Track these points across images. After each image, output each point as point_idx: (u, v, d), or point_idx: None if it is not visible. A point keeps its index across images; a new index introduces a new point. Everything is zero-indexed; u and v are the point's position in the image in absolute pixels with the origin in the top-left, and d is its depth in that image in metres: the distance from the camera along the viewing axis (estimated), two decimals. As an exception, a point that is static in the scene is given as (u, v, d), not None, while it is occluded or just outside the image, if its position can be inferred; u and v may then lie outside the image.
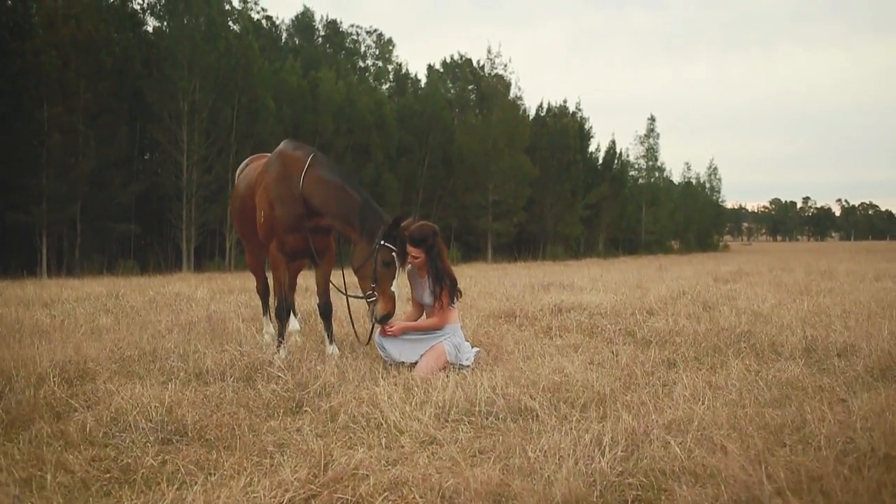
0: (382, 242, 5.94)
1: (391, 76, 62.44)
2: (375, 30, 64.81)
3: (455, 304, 6.29)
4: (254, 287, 9.15)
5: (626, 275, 18.11)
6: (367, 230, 6.02)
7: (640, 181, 76.03)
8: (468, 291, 12.33)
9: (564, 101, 64.11)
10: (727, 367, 5.82)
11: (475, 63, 59.65)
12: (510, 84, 55.48)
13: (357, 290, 6.53)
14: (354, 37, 63.12)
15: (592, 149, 66.85)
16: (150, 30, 42.36)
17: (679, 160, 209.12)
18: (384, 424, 4.46)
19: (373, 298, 6.04)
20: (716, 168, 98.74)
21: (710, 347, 6.76)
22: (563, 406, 4.78)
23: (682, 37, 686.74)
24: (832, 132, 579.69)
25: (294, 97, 42.95)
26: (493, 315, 9.22)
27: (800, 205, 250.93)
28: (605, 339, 7.49)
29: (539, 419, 4.55)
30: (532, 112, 60.40)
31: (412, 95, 55.25)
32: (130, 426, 4.41)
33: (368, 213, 6.08)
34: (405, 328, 6.28)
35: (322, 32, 60.82)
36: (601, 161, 67.46)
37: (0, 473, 3.69)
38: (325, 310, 6.62)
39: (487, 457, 3.89)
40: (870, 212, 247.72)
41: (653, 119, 77.24)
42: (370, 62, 63.95)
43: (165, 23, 40.77)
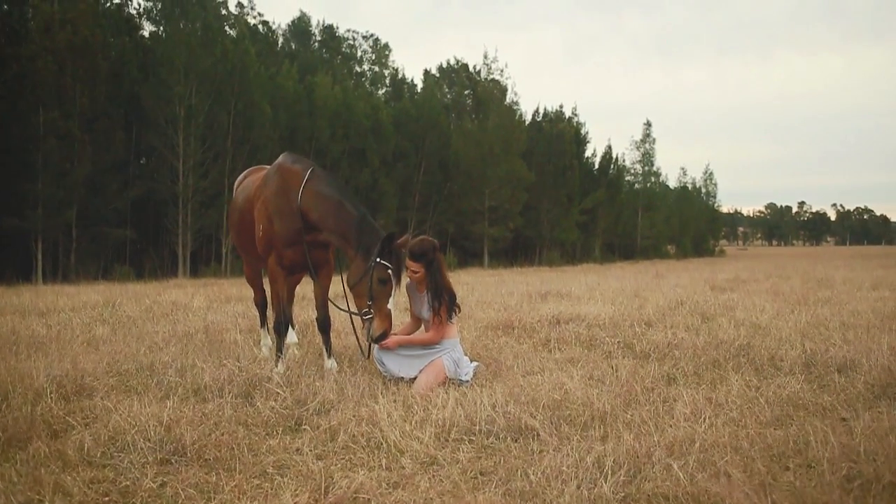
0: (378, 260, 5.89)
1: (387, 81, 62.47)
2: (372, 35, 64.90)
3: (454, 319, 6.26)
4: (250, 297, 9.13)
5: (624, 282, 18.09)
6: (363, 247, 5.98)
7: (636, 186, 76.13)
8: (465, 301, 12.31)
9: (561, 107, 64.27)
10: (727, 383, 5.80)
11: (471, 68, 59.74)
12: (506, 89, 55.53)
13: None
14: (351, 42, 63.13)
15: (588, 154, 66.96)
16: (147, 34, 42.34)
17: (675, 164, 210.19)
18: (384, 444, 4.43)
19: (369, 316, 6.00)
20: (711, 173, 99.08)
21: (710, 362, 6.75)
22: (564, 425, 4.77)
23: (678, 41, 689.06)
24: (828, 136, 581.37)
25: (290, 102, 42.94)
26: (492, 326, 9.19)
27: (795, 209, 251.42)
28: (604, 353, 7.47)
29: (540, 438, 4.53)
30: (528, 117, 60.56)
31: (408, 100, 55.28)
32: (129, 446, 4.38)
33: (365, 230, 6.03)
34: (401, 342, 6.24)
35: (318, 37, 60.81)
36: (597, 166, 67.53)
37: (-2, 497, 3.66)
38: (324, 324, 6.60)
39: (489, 479, 3.87)
40: (865, 216, 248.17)
41: (649, 124, 77.46)
42: (366, 67, 63.92)
43: (161, 27, 40.76)
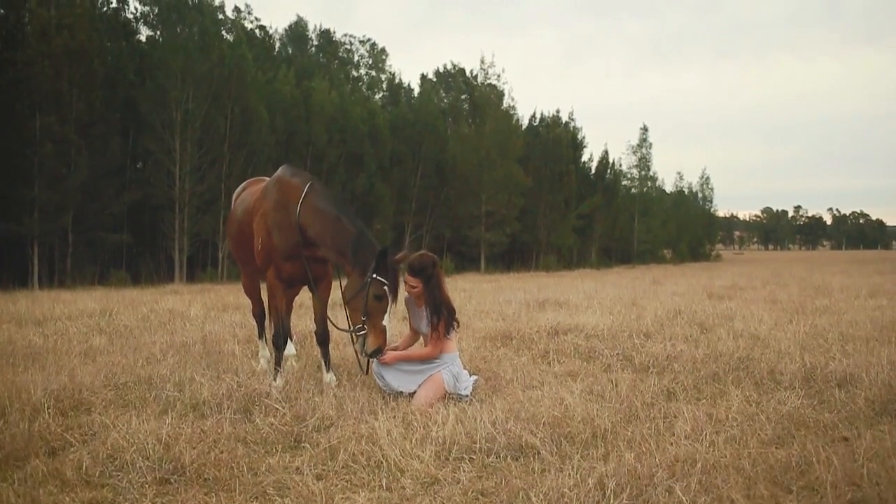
0: (374, 276, 5.87)
1: (384, 86, 62.50)
2: (369, 39, 64.97)
3: (452, 335, 6.24)
4: (247, 305, 9.10)
5: (621, 290, 18.10)
6: (360, 263, 5.96)
7: (633, 191, 76.20)
8: (463, 309, 12.30)
9: (557, 111, 64.43)
10: (727, 398, 5.79)
11: (468, 73, 59.79)
12: (503, 94, 55.57)
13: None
14: (348, 46, 63.19)
15: (585, 158, 67.06)
16: (143, 39, 42.34)
17: (671, 168, 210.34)
18: (384, 463, 4.41)
19: (362, 332, 5.98)
20: (708, 178, 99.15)
21: (709, 375, 6.74)
22: (565, 443, 4.75)
23: (675, 45, 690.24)
24: (824, 140, 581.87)
25: (287, 107, 42.91)
26: (490, 337, 9.18)
27: (791, 213, 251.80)
28: (603, 365, 7.46)
29: (541, 457, 4.52)
30: (525, 122, 60.60)
31: (405, 105, 55.30)
32: (128, 465, 4.35)
33: (362, 246, 6.02)
34: (399, 357, 6.23)
35: (315, 42, 60.85)
36: (594, 171, 67.64)
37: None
38: (323, 338, 6.58)
39: (490, 500, 3.86)
40: (861, 220, 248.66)
41: (645, 129, 77.55)
42: (363, 72, 63.97)
43: (158, 32, 40.75)
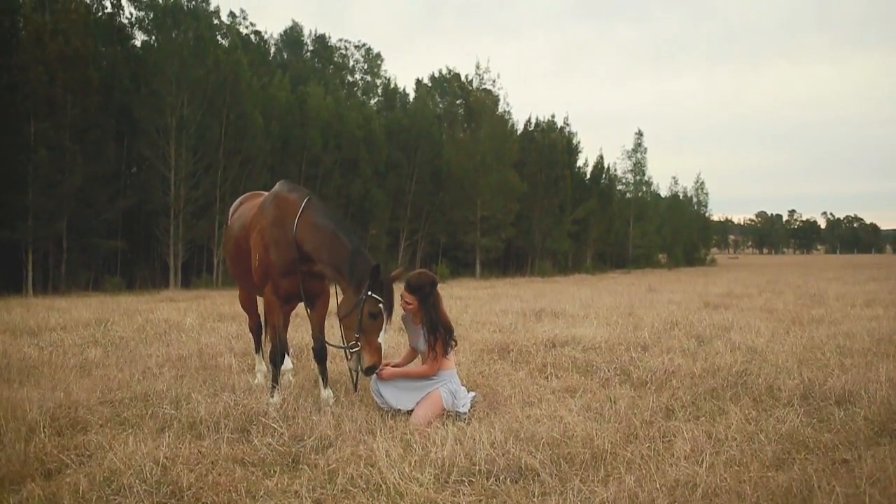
0: (369, 293, 5.85)
1: (380, 91, 62.52)
2: (364, 44, 65.03)
3: (450, 353, 6.21)
4: (243, 315, 9.06)
5: (617, 298, 18.09)
6: (356, 279, 5.94)
7: (628, 195, 76.29)
8: (459, 320, 12.28)
9: (552, 116, 64.35)
10: (726, 417, 5.78)
11: (463, 78, 59.78)
12: (498, 99, 55.61)
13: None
14: (343, 51, 63.25)
15: (580, 163, 67.16)
16: (138, 44, 42.26)
17: (666, 172, 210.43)
18: (383, 487, 4.38)
19: (356, 349, 5.94)
20: (703, 182, 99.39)
21: (708, 391, 6.73)
22: (565, 464, 4.73)
23: (669, 50, 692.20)
24: (817, 145, 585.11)
25: (282, 112, 42.89)
26: (487, 349, 9.15)
27: (785, 217, 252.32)
28: (601, 380, 7.44)
29: (540, 479, 4.50)
30: (520, 127, 60.67)
31: (401, 110, 55.33)
32: (125, 488, 4.33)
33: (358, 262, 5.99)
34: (396, 374, 6.21)
35: (311, 47, 60.89)
36: (589, 176, 67.73)
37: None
38: (320, 354, 6.54)
39: (490, 527, 3.83)
40: (855, 224, 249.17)
41: (640, 134, 77.63)
42: (359, 76, 64.04)
43: (153, 37, 40.68)
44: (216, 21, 46.58)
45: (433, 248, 53.98)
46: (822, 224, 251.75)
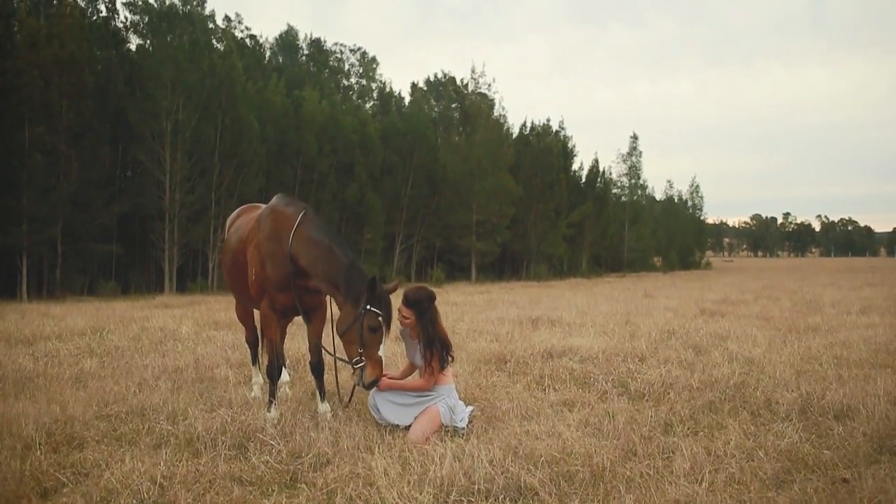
0: (368, 307, 5.82)
1: (375, 94, 62.54)
2: (359, 48, 65.00)
3: (446, 368, 6.18)
4: (238, 324, 9.03)
5: (614, 304, 18.08)
6: (353, 294, 5.90)
7: (623, 199, 76.39)
8: (455, 328, 12.28)
9: (548, 120, 64.52)
10: (725, 432, 5.76)
11: (459, 81, 59.85)
12: (494, 103, 55.66)
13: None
14: (338, 55, 63.22)
15: (576, 167, 67.32)
16: (133, 48, 42.22)
17: (661, 175, 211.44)
18: (382, 507, 4.36)
19: (360, 364, 5.92)
20: (698, 186, 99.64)
21: (705, 404, 6.72)
22: (564, 482, 4.71)
23: (664, 53, 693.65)
24: (812, 148, 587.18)
25: (278, 117, 42.88)
26: (484, 360, 9.13)
27: (780, 220, 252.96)
28: (599, 392, 7.43)
29: (539, 498, 4.48)
30: (515, 130, 60.72)
31: (396, 114, 55.34)
32: (122, 509, 4.30)
33: (354, 277, 5.96)
34: (393, 386, 6.19)
35: (306, 51, 60.84)
36: (584, 179, 67.82)
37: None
38: (317, 368, 6.51)
39: (490, 550, 3.81)
40: (849, 227, 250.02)
41: (635, 137, 77.81)
42: (354, 80, 64.01)
43: (148, 41, 40.66)
44: (211, 25, 46.65)
45: (429, 252, 53.99)
46: (817, 227, 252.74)
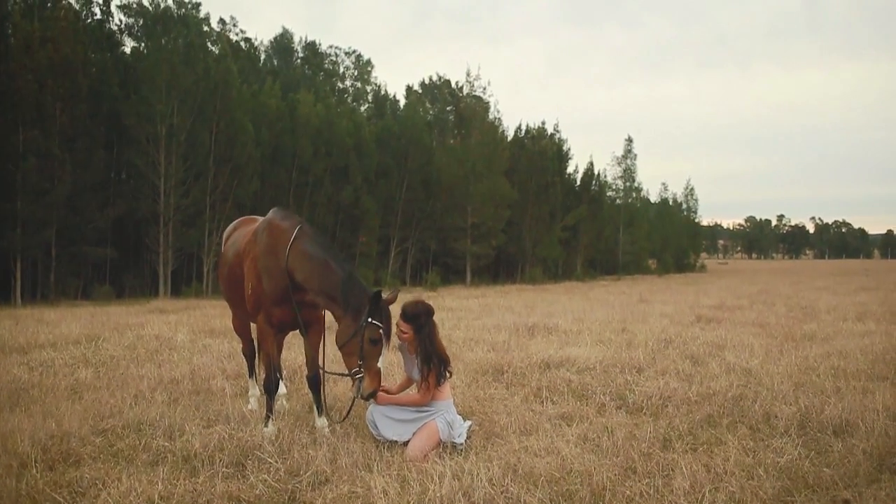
0: (370, 320, 5.81)
1: (370, 97, 62.50)
2: (354, 51, 64.98)
3: (444, 383, 6.15)
4: (233, 331, 9.01)
5: (609, 310, 18.07)
6: (352, 307, 5.89)
7: (618, 202, 76.45)
8: (452, 336, 12.26)
9: (543, 123, 64.50)
10: (724, 448, 5.73)
11: (454, 84, 59.89)
12: (489, 106, 55.64)
13: (341, 365, 6.39)
14: (333, 58, 63.18)
15: (570, 170, 67.34)
16: (128, 51, 42.14)
17: (655, 176, 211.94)
18: (382, 529, 4.34)
19: (359, 375, 5.90)
20: (692, 188, 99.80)
21: (704, 418, 6.71)
22: (564, 503, 4.69)
23: (659, 55, 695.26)
24: (807, 149, 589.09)
25: (273, 120, 42.83)
26: (481, 370, 9.11)
27: (774, 222, 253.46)
28: (597, 405, 7.41)
29: (539, 519, 4.46)
30: (510, 133, 60.71)
31: (391, 117, 55.31)
32: (119, 532, 4.26)
33: (352, 289, 5.94)
34: (389, 401, 6.16)
35: (301, 54, 60.79)
36: (579, 182, 67.81)
37: None
38: (315, 382, 6.48)
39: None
40: (843, 229, 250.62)
41: (630, 140, 77.91)
42: (349, 83, 64.00)
43: (143, 44, 40.58)
44: (206, 28, 46.51)
45: (424, 256, 53.95)
46: (811, 229, 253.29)
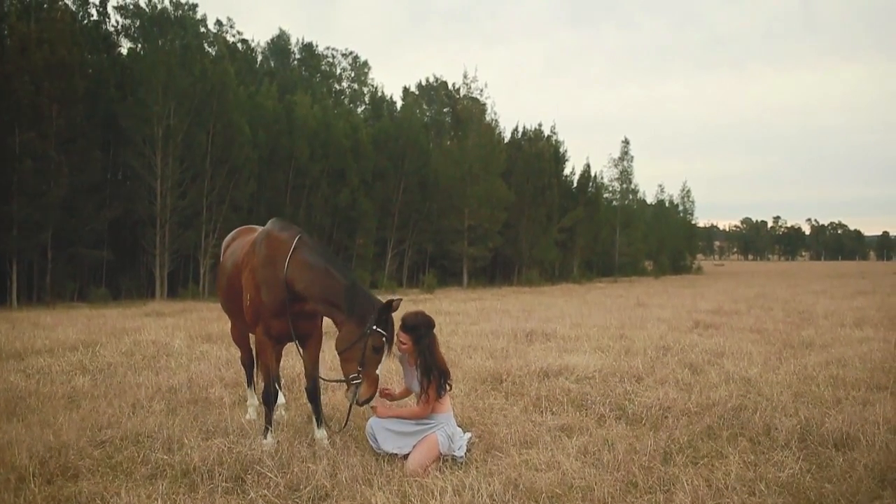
0: (375, 327, 5.80)
1: (367, 99, 62.43)
2: (351, 52, 64.93)
3: (444, 396, 6.12)
4: (230, 336, 9.00)
5: (607, 315, 18.05)
6: (357, 314, 5.88)
7: (615, 203, 76.50)
8: (450, 343, 12.24)
9: (540, 125, 64.66)
10: (725, 461, 5.73)
11: (450, 86, 59.88)
12: (486, 108, 55.61)
13: (337, 372, 6.38)
14: (330, 59, 63.12)
15: (567, 172, 67.33)
16: (125, 52, 42.06)
17: (651, 177, 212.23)
18: (383, 548, 4.31)
19: (357, 381, 5.89)
20: (689, 190, 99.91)
21: (704, 430, 6.69)
22: (565, 520, 4.68)
23: (656, 56, 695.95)
24: (803, 151, 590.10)
25: (269, 122, 42.79)
26: (480, 379, 9.10)
27: (770, 224, 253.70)
28: (596, 415, 7.39)
29: (541, 537, 4.44)
30: (507, 135, 60.68)
31: (388, 119, 55.27)
32: (118, 550, 4.24)
33: (357, 297, 5.93)
34: (389, 414, 6.14)
35: (298, 55, 60.71)
36: (576, 184, 67.80)
37: None
38: (313, 394, 6.45)
39: None
40: (839, 231, 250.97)
41: (626, 142, 78.03)
42: (346, 85, 63.95)
43: (140, 45, 40.51)
44: (203, 29, 46.49)
45: (420, 258, 53.93)
46: (807, 230, 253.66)
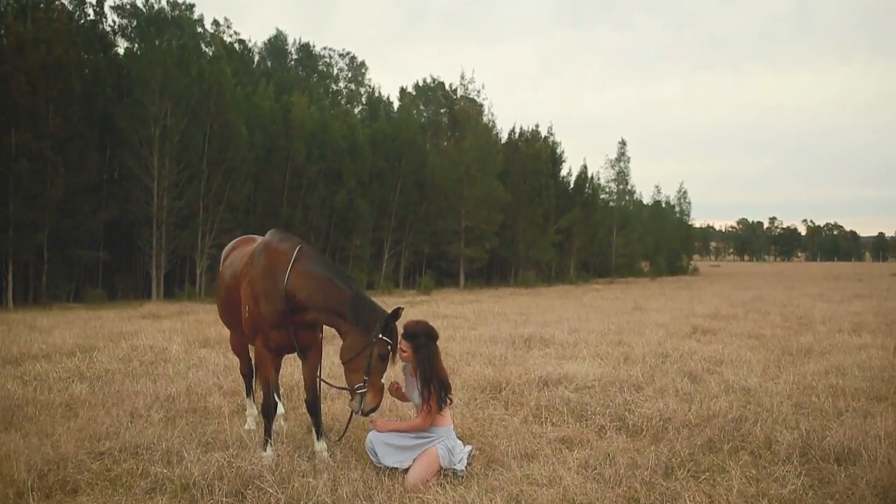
0: (381, 336, 5.79)
1: (364, 99, 62.39)
2: (348, 52, 64.87)
3: (445, 409, 6.09)
4: (227, 340, 8.98)
5: (605, 319, 18.06)
6: (363, 323, 5.86)
7: (611, 204, 76.55)
8: (448, 349, 12.21)
9: (536, 126, 64.44)
10: (726, 476, 5.71)
11: (448, 86, 59.83)
12: (483, 109, 55.56)
13: (340, 381, 6.36)
14: (327, 59, 63.08)
15: (564, 173, 67.29)
16: (121, 52, 41.96)
17: (647, 178, 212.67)
18: (384, 566, 4.29)
19: (363, 390, 5.87)
20: (685, 191, 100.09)
21: (705, 443, 6.66)
22: (567, 538, 4.66)
23: (652, 57, 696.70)
24: (799, 152, 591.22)
25: (266, 122, 42.74)
26: (479, 387, 9.08)
27: (766, 224, 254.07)
28: (597, 427, 7.37)
29: (544, 556, 4.42)
30: (504, 136, 60.64)
31: (385, 120, 55.24)
32: (118, 569, 4.21)
33: (362, 306, 5.92)
34: (389, 428, 6.11)
35: (295, 56, 60.65)
36: (572, 185, 67.80)
37: None
38: (313, 406, 6.42)
39: None
40: (835, 232, 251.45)
41: (623, 143, 78.07)
42: (343, 85, 63.90)
43: (136, 45, 40.40)
44: (200, 30, 46.42)
45: (417, 259, 53.89)
46: (803, 231, 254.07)
